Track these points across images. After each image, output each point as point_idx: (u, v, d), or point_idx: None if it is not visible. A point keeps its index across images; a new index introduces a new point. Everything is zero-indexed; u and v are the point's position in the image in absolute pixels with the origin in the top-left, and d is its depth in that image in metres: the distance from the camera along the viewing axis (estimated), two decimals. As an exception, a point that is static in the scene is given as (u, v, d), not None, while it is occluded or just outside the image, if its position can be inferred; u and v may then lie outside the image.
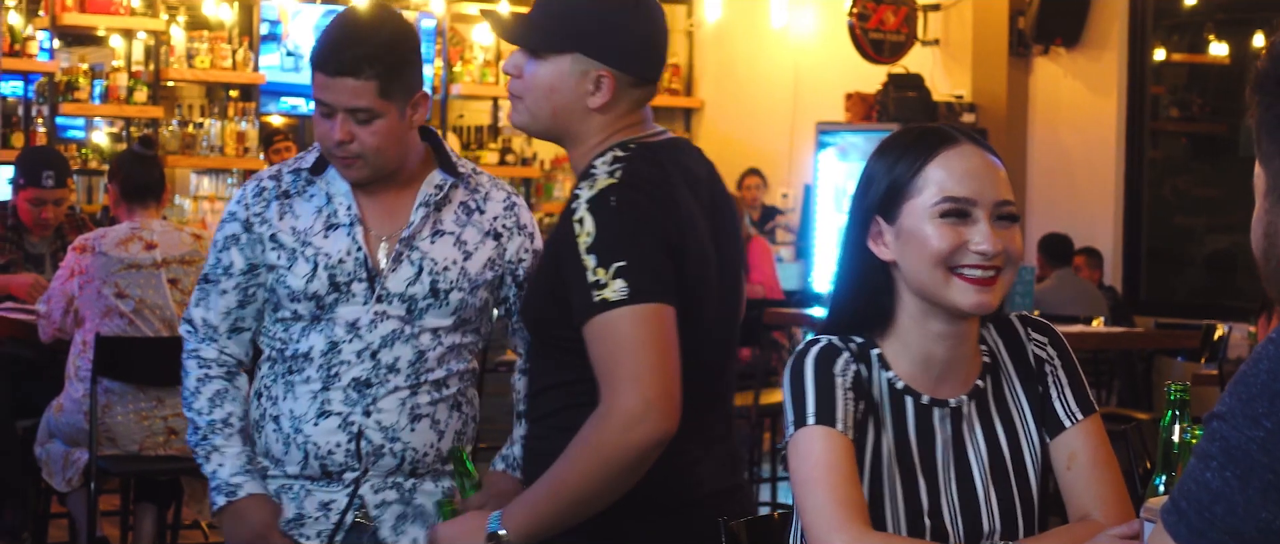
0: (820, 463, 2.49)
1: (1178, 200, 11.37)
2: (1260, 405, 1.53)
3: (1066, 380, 2.67)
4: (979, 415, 2.63)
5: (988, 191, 2.55)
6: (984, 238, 2.52)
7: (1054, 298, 8.98)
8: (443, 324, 3.48)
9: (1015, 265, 2.57)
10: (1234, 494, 1.52)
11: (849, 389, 2.54)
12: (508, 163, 12.63)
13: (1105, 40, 10.86)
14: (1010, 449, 2.64)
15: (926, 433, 2.60)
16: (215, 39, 11.52)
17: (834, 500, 2.46)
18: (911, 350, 2.61)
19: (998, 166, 2.60)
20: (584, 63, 3.07)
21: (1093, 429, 2.65)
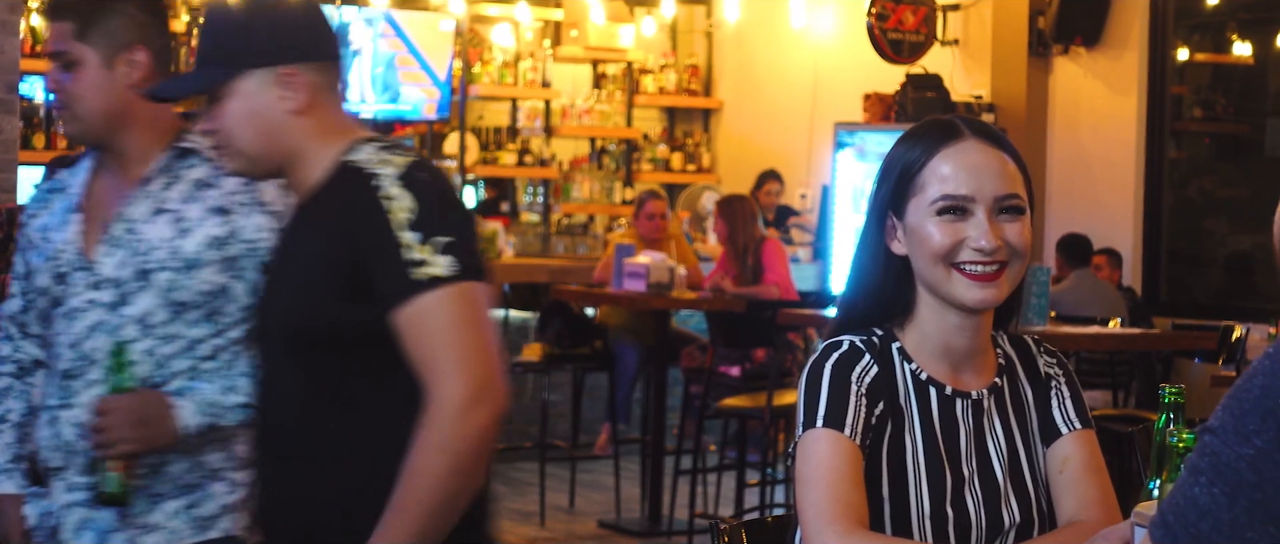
0: (823, 464, 2.52)
1: (1200, 201, 11.31)
2: (1252, 422, 1.50)
3: (1068, 394, 2.72)
4: (997, 411, 2.67)
5: (987, 186, 2.58)
6: (981, 234, 2.55)
7: (1071, 299, 8.93)
8: (153, 310, 3.25)
9: (1022, 258, 2.60)
10: (1221, 511, 1.49)
11: (864, 395, 2.57)
12: (526, 164, 12.63)
13: (1125, 40, 10.81)
14: (1025, 448, 2.68)
15: (950, 423, 2.64)
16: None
17: (831, 499, 2.48)
18: (931, 341, 2.65)
19: (1004, 159, 2.61)
20: (263, 74, 2.83)
21: (1087, 440, 2.69)
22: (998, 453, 2.66)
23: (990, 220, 2.57)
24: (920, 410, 2.63)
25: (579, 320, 9.32)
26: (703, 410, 8.53)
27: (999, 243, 2.56)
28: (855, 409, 2.56)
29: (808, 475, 2.53)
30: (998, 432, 2.67)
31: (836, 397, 2.56)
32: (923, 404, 2.64)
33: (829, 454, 2.52)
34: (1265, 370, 1.51)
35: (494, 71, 12.53)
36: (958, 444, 2.63)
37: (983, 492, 2.63)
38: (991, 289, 2.58)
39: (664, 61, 13.32)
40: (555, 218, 13.10)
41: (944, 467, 2.61)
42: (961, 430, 2.64)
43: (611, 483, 9.30)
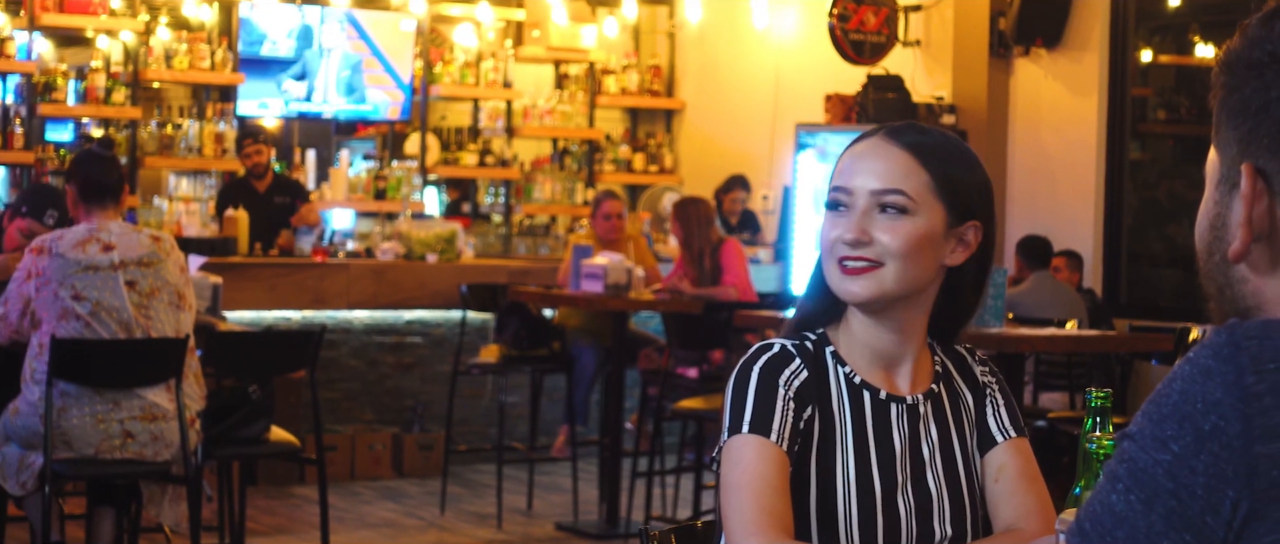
0: (748, 470, 2.49)
1: (1165, 203, 11.31)
2: (1169, 428, 1.47)
3: (1002, 402, 2.71)
4: (934, 418, 2.65)
5: (864, 181, 2.56)
6: (846, 227, 2.55)
7: (1030, 300, 8.92)
8: None
9: (899, 259, 2.55)
10: (1137, 518, 1.46)
11: (791, 398, 2.55)
12: (487, 164, 12.59)
13: (1086, 41, 10.81)
14: (962, 456, 2.66)
15: (884, 428, 2.62)
16: (194, 40, 11.47)
17: (757, 507, 2.46)
18: (858, 343, 2.63)
19: (904, 159, 2.57)
20: None
21: (1022, 448, 2.68)
22: (932, 461, 2.64)
23: (862, 216, 2.55)
24: (853, 414, 2.61)
25: (537, 322, 9.28)
26: (660, 412, 8.50)
27: (865, 238, 2.54)
28: (782, 414, 2.53)
29: (732, 482, 2.50)
30: (934, 439, 2.65)
31: (763, 401, 2.54)
32: (856, 408, 2.61)
33: (754, 461, 2.50)
34: (1184, 375, 1.48)
35: (455, 72, 12.48)
36: (891, 450, 2.61)
37: (915, 500, 2.61)
38: (857, 283, 2.55)
39: (626, 62, 13.29)
40: (516, 218, 13.06)
41: (874, 472, 2.59)
42: (896, 436, 2.62)
43: (569, 485, 9.26)
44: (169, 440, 6.00)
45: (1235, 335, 1.48)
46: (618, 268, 8.73)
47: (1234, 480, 1.43)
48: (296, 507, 9.16)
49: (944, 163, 2.60)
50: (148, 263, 5.99)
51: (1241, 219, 1.56)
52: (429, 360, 10.42)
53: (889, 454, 2.60)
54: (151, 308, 5.98)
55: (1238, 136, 1.57)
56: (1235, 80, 1.58)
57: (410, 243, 10.57)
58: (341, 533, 8.32)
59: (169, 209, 11.21)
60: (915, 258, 2.57)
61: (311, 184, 11.85)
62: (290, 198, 10.79)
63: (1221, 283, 1.61)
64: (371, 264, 10.34)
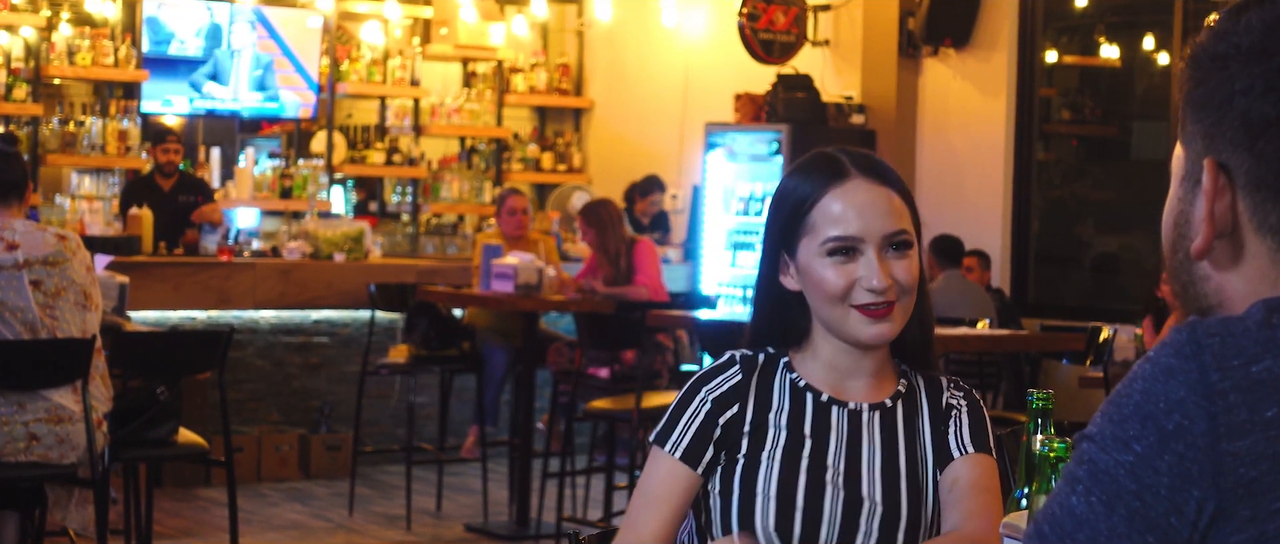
0: (643, 483, 2.70)
1: (1069, 203, 11.38)
2: (1131, 428, 1.44)
3: (967, 422, 2.73)
4: (881, 427, 2.70)
5: (875, 226, 2.63)
6: (872, 273, 2.61)
7: (941, 300, 8.93)
8: None
9: (911, 292, 2.66)
10: (1098, 521, 1.43)
11: (709, 403, 2.67)
12: (395, 163, 12.51)
13: (995, 41, 10.85)
14: (907, 471, 2.68)
15: (821, 427, 2.68)
16: (97, 36, 11.33)
17: (632, 523, 2.68)
18: (821, 360, 2.72)
19: (890, 195, 2.67)
20: None
21: (980, 463, 2.70)
22: (871, 465, 2.67)
23: (880, 259, 2.62)
24: (792, 414, 2.69)
25: (446, 321, 9.21)
26: (571, 412, 8.46)
27: (889, 282, 2.61)
28: (686, 424, 2.68)
29: (637, 487, 2.73)
30: (877, 445, 2.69)
31: (676, 413, 2.70)
32: (796, 408, 2.69)
33: (649, 474, 2.69)
34: (1145, 375, 1.46)
35: (362, 69, 12.39)
36: (825, 446, 2.67)
37: (844, 502, 2.64)
38: (885, 325, 2.64)
39: (535, 60, 13.24)
40: (424, 217, 12.98)
41: (801, 470, 2.65)
42: (832, 435, 2.68)
43: (479, 486, 9.21)
44: (75, 443, 5.88)
45: (1196, 333, 1.45)
46: (528, 268, 8.68)
47: (1199, 480, 1.41)
48: (202, 509, 9.05)
49: (907, 194, 2.73)
50: (53, 262, 5.87)
51: (1204, 215, 1.54)
52: (336, 360, 10.33)
53: (821, 455, 2.66)
54: (57, 308, 5.87)
55: (1201, 131, 1.55)
56: (1200, 74, 1.56)
57: (317, 242, 10.48)
58: (249, 535, 8.23)
59: (71, 207, 11.06)
60: (917, 289, 2.70)
61: (216, 182, 11.73)
62: (195, 196, 10.68)
63: (1185, 280, 1.59)
64: (278, 263, 10.24)
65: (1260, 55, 1.51)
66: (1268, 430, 1.41)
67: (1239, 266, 1.55)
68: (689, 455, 2.66)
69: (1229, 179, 1.53)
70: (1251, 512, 1.40)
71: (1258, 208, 1.52)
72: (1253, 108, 1.51)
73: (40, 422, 5.83)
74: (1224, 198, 1.53)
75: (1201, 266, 1.57)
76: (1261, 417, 1.41)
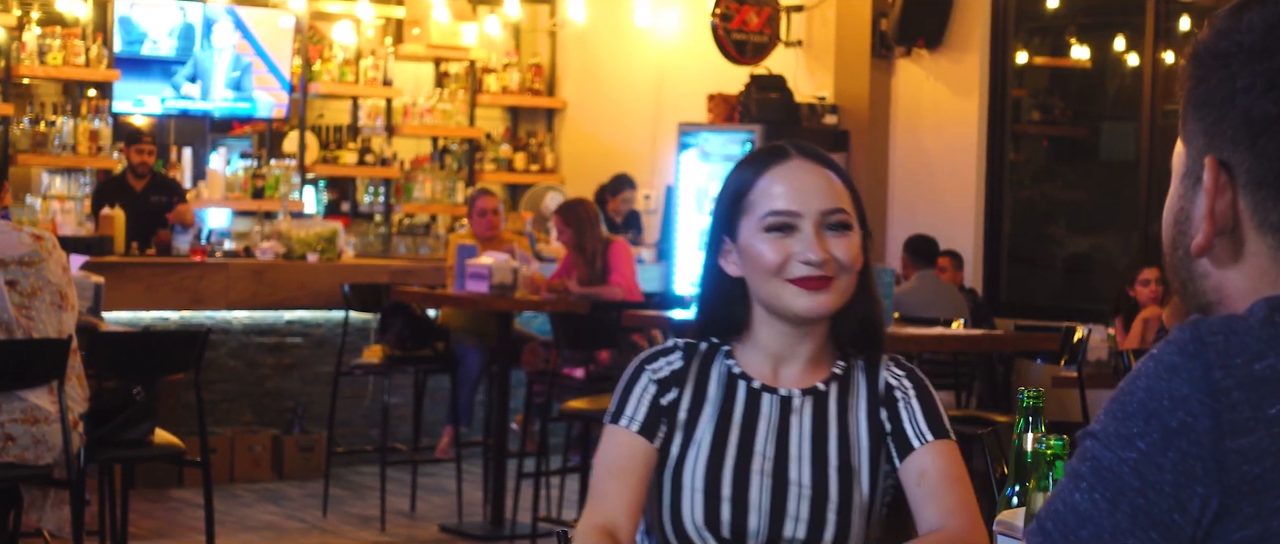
0: (602, 459, 2.74)
1: (1040, 203, 11.42)
2: (1135, 425, 1.45)
3: (919, 408, 2.75)
4: (813, 412, 2.75)
5: (812, 203, 2.71)
6: (808, 246, 2.68)
7: (914, 300, 8.96)
8: None
9: (850, 271, 2.72)
10: (1102, 517, 1.44)
11: (654, 383, 2.75)
12: (367, 163, 12.49)
13: (967, 42, 10.88)
14: (838, 455, 2.72)
15: (752, 415, 2.75)
16: (68, 36, 11.29)
17: (592, 490, 2.72)
18: (759, 349, 2.78)
19: (830, 178, 2.74)
20: None
21: (944, 450, 2.72)
22: (800, 450, 2.72)
23: (817, 235, 2.69)
24: (723, 401, 2.75)
25: (420, 322, 9.20)
26: (546, 413, 8.46)
27: (826, 256, 2.68)
28: (638, 399, 2.74)
29: (593, 464, 2.79)
30: (805, 431, 2.74)
31: (625, 391, 2.77)
32: (728, 396, 2.76)
33: (606, 450, 2.74)
34: (1148, 372, 1.46)
35: (334, 69, 12.37)
36: (753, 433, 2.73)
37: (771, 487, 2.70)
38: (821, 297, 2.69)
39: (507, 61, 13.24)
40: (396, 218, 12.97)
41: (728, 456, 2.71)
42: (762, 423, 2.74)
43: (453, 486, 9.20)
44: (51, 443, 5.86)
45: (1199, 331, 1.46)
46: (503, 268, 8.67)
47: (1203, 477, 1.41)
48: (176, 510, 9.03)
49: (849, 181, 2.80)
50: (29, 262, 5.85)
51: (1204, 212, 1.55)
52: (309, 361, 10.31)
53: (749, 443, 2.73)
54: (33, 308, 5.85)
55: (1202, 129, 1.56)
56: (1202, 71, 1.56)
57: (290, 242, 10.46)
58: (223, 536, 8.20)
59: (43, 207, 11.02)
60: (856, 270, 2.74)
61: (187, 183, 11.70)
62: (167, 197, 10.65)
63: (1185, 277, 1.60)
64: (251, 264, 10.21)
65: (1262, 53, 1.52)
66: (1271, 427, 1.41)
67: (1239, 264, 1.55)
68: (645, 429, 2.73)
69: (1230, 177, 1.54)
70: (1255, 508, 1.41)
71: (1258, 206, 1.53)
72: (1254, 106, 1.52)
73: (16, 422, 5.80)
74: (1225, 195, 1.54)
75: (1202, 264, 1.58)
76: (1264, 414, 1.42)
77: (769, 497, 2.68)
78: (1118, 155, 11.25)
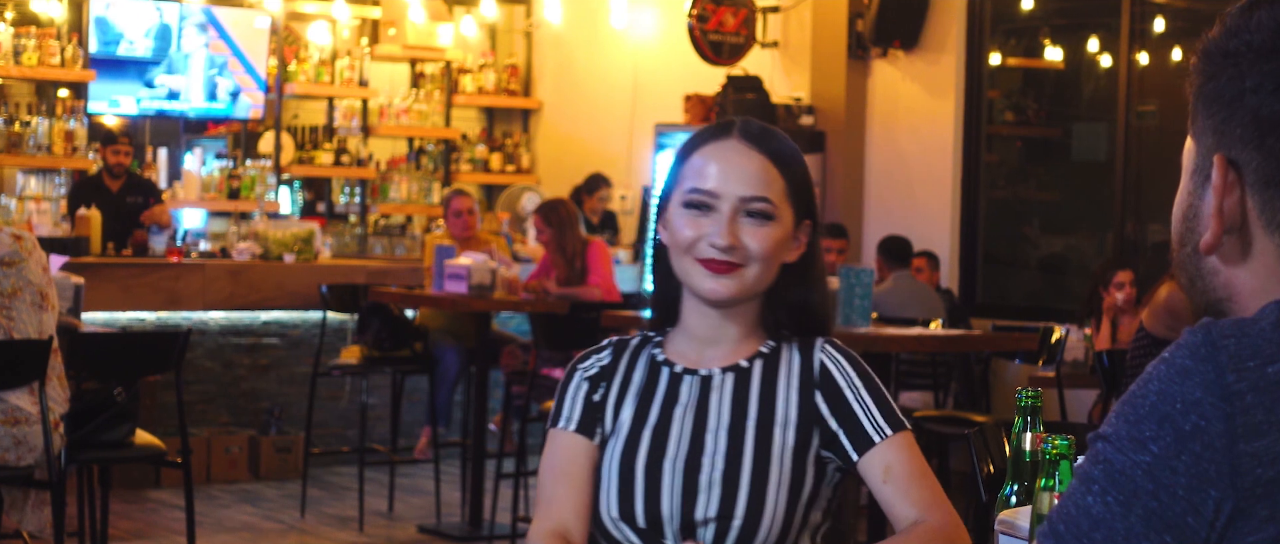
0: (545, 464, 2.74)
1: (1014, 204, 11.44)
2: (1148, 429, 1.46)
3: (871, 400, 2.68)
4: (733, 389, 2.70)
5: (733, 187, 2.66)
6: (718, 231, 2.64)
7: (891, 300, 8.98)
8: None
9: (761, 262, 2.67)
10: (1115, 521, 1.45)
11: (586, 380, 2.75)
12: (343, 163, 12.47)
13: (943, 44, 10.91)
14: (757, 432, 2.67)
15: (670, 400, 2.72)
16: (43, 36, 11.25)
17: (546, 500, 2.71)
18: (687, 333, 2.75)
19: (765, 165, 2.68)
20: None
21: (905, 444, 2.68)
22: (718, 428, 2.68)
23: (732, 219, 2.64)
24: (645, 388, 2.74)
25: (399, 322, 9.19)
26: (525, 413, 8.46)
27: (734, 242, 2.64)
28: (572, 398, 2.75)
29: (540, 471, 2.78)
30: (723, 409, 2.70)
31: (560, 396, 2.77)
32: (650, 383, 2.75)
33: (548, 455, 2.74)
34: (1161, 376, 1.47)
35: (310, 69, 12.35)
36: (670, 417, 2.71)
37: (685, 468, 2.66)
38: (723, 282, 2.65)
39: (483, 61, 13.23)
40: (372, 218, 12.95)
41: (643, 439, 2.70)
42: (680, 406, 2.71)
43: (432, 487, 9.19)
44: (32, 444, 5.85)
45: (1211, 335, 1.47)
46: (481, 268, 8.67)
47: (1217, 480, 1.42)
48: (153, 511, 9.01)
49: (793, 168, 2.72)
50: (9, 262, 5.83)
51: (1213, 210, 1.56)
52: (286, 361, 10.29)
53: (665, 427, 2.70)
54: (14, 308, 5.83)
55: (1212, 126, 1.57)
56: (1212, 69, 1.57)
57: (267, 243, 10.44)
58: (201, 537, 8.17)
59: (18, 208, 10.98)
60: (773, 260, 2.70)
61: (163, 183, 11.67)
62: (143, 197, 10.63)
63: (1193, 274, 1.61)
64: (228, 264, 10.19)
65: (1271, 53, 1.53)
66: None
67: (1247, 262, 1.57)
68: (583, 427, 2.73)
69: (1238, 175, 1.55)
70: (1269, 511, 1.42)
71: (1266, 205, 1.54)
72: (1263, 105, 1.53)
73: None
74: (1233, 194, 1.55)
75: (1210, 261, 1.59)
76: (1278, 417, 1.43)
77: (681, 479, 2.64)
78: (1089, 156, 11.29)
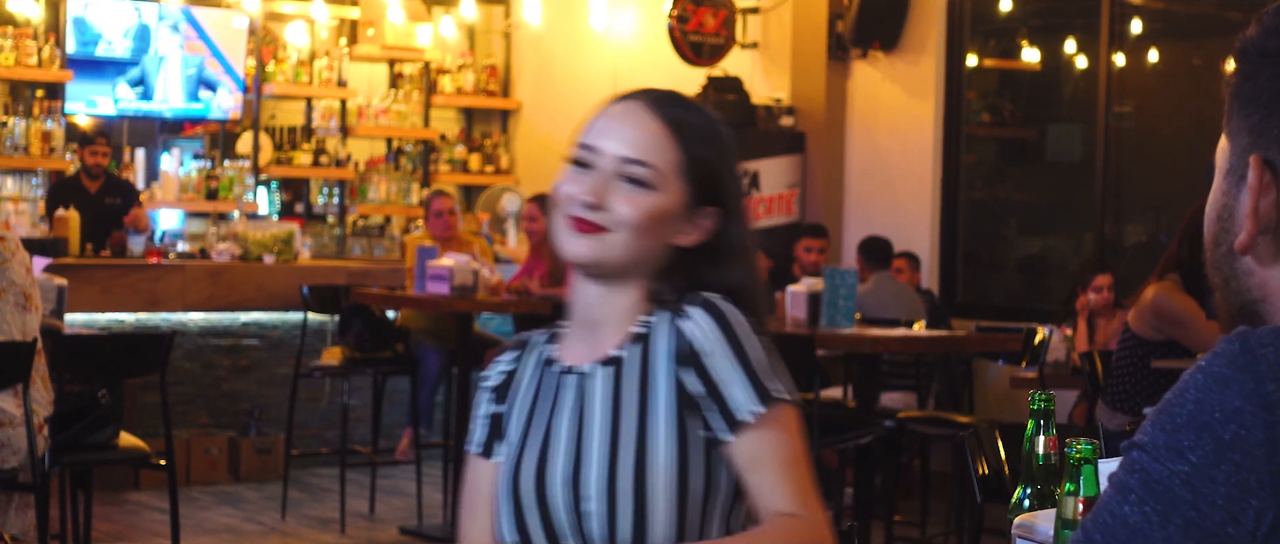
0: (460, 493, 2.64)
1: (991, 205, 11.46)
2: (1186, 438, 1.44)
3: (741, 370, 2.45)
4: (612, 384, 2.50)
5: (613, 146, 2.49)
6: (586, 187, 2.47)
7: (872, 301, 8.97)
8: None
9: (629, 229, 2.47)
10: (1153, 531, 1.44)
11: (489, 392, 2.62)
12: (321, 164, 12.43)
13: (923, 45, 10.91)
14: (637, 434, 2.46)
15: (557, 402, 2.53)
16: (20, 36, 11.20)
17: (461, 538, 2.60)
18: (574, 315, 2.58)
19: (660, 131, 2.50)
20: None
21: (779, 424, 2.45)
22: (603, 427, 2.48)
23: (606, 179, 2.48)
24: (535, 392, 2.57)
25: (380, 323, 9.17)
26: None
27: (599, 202, 2.47)
28: (477, 416, 2.64)
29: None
30: (602, 409, 2.50)
31: (473, 412, 2.66)
32: (538, 386, 2.58)
33: (462, 481, 2.64)
34: (1198, 384, 1.46)
35: (288, 70, 12.31)
36: (555, 424, 2.52)
37: (573, 467, 2.48)
38: (584, 242, 2.47)
39: (462, 62, 13.21)
40: (351, 219, 12.92)
41: (527, 444, 2.53)
42: (564, 411, 2.53)
43: (413, 489, 9.17)
44: (16, 447, 5.81)
45: (1249, 343, 1.46)
46: (464, 269, 8.65)
47: (1258, 490, 1.41)
48: (133, 512, 8.97)
49: (698, 144, 2.53)
50: (-9, 263, 5.80)
51: (1248, 211, 1.55)
52: (266, 363, 10.26)
53: (551, 435, 2.52)
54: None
55: (1248, 126, 1.56)
56: (1249, 68, 1.56)
57: (247, 244, 10.41)
58: (183, 539, 8.13)
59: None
60: (646, 232, 2.50)
61: (140, 184, 11.63)
62: (122, 198, 10.59)
63: (1227, 274, 1.60)
64: (207, 265, 10.16)
65: None
66: None
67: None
68: (485, 449, 2.60)
69: (1274, 175, 1.54)
70: None
71: None
72: None
73: (-19, 426, 5.76)
74: (1269, 194, 1.54)
75: (1245, 262, 1.58)
76: None
77: (570, 495, 2.45)
78: (1063, 157, 11.31)
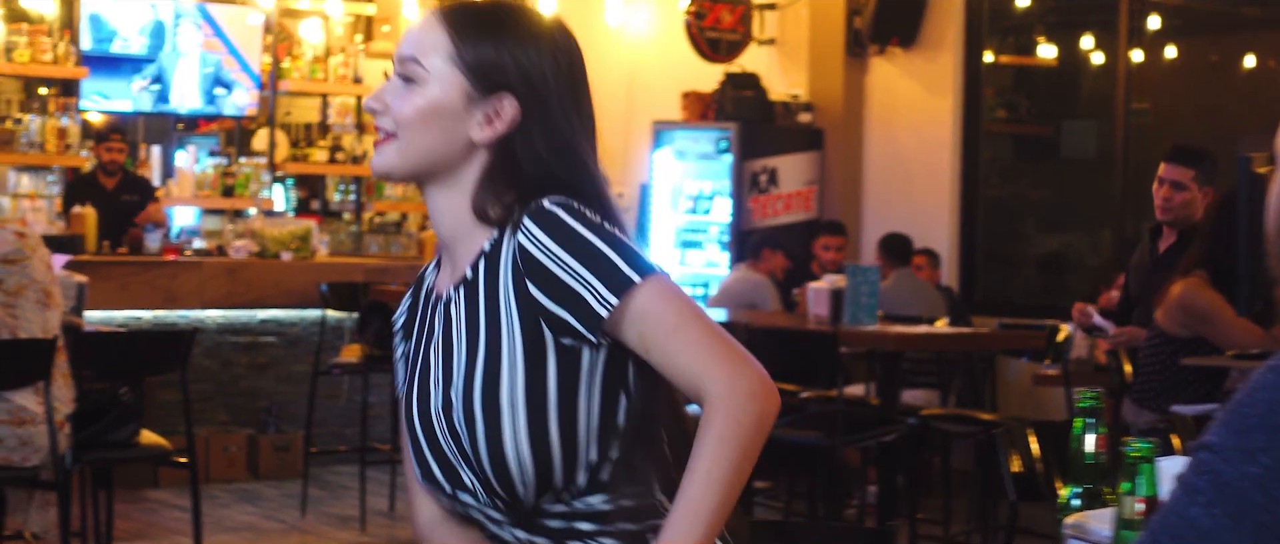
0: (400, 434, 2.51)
1: (1008, 202, 11.43)
2: (1258, 439, 1.42)
3: (584, 267, 2.25)
4: (466, 308, 2.36)
5: (400, 48, 2.39)
6: (373, 96, 2.39)
7: (892, 298, 8.95)
8: None
9: (408, 130, 2.35)
10: (1224, 533, 1.41)
11: (400, 329, 2.52)
12: (338, 161, 12.41)
13: (941, 41, 10.88)
14: (486, 357, 2.32)
15: (430, 332, 2.43)
16: (35, 33, 11.19)
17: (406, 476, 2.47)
18: (438, 240, 2.46)
19: (435, 28, 2.38)
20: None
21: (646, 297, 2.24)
22: (459, 353, 2.35)
23: (390, 84, 2.38)
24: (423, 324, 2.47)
25: (399, 321, 9.14)
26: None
27: (380, 106, 2.36)
28: (396, 357, 2.53)
29: None
30: (463, 330, 2.36)
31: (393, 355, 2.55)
32: (418, 317, 2.49)
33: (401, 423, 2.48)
34: (1270, 385, 1.44)
35: (304, 67, 12.29)
36: (434, 351, 2.41)
37: (443, 398, 2.36)
38: (378, 154, 2.37)
39: (477, 58, 13.17)
40: (367, 216, 12.90)
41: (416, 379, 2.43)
42: (437, 336, 2.41)
43: (432, 486, 9.13)
44: (38, 445, 5.80)
45: (1322, 341, 1.44)
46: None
47: None
48: (153, 510, 8.95)
49: (474, 33, 2.38)
50: (13, 260, 5.78)
51: None
52: (284, 360, 10.23)
53: (427, 368, 2.41)
54: (18, 307, 5.79)
55: None
56: None
57: (264, 241, 10.39)
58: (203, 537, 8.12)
59: (11, 205, 10.93)
60: (423, 130, 2.36)
61: (156, 181, 11.62)
62: (138, 196, 10.58)
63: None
64: (225, 262, 10.14)
65: None
66: None
67: None
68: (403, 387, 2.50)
69: None
70: None
71: None
72: None
73: (2, 423, 5.74)
74: None
75: None
76: None
77: (443, 422, 2.34)
78: (1077, 153, 11.28)
